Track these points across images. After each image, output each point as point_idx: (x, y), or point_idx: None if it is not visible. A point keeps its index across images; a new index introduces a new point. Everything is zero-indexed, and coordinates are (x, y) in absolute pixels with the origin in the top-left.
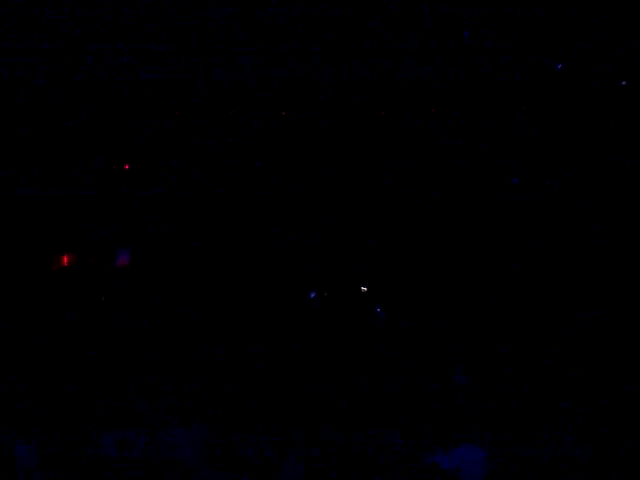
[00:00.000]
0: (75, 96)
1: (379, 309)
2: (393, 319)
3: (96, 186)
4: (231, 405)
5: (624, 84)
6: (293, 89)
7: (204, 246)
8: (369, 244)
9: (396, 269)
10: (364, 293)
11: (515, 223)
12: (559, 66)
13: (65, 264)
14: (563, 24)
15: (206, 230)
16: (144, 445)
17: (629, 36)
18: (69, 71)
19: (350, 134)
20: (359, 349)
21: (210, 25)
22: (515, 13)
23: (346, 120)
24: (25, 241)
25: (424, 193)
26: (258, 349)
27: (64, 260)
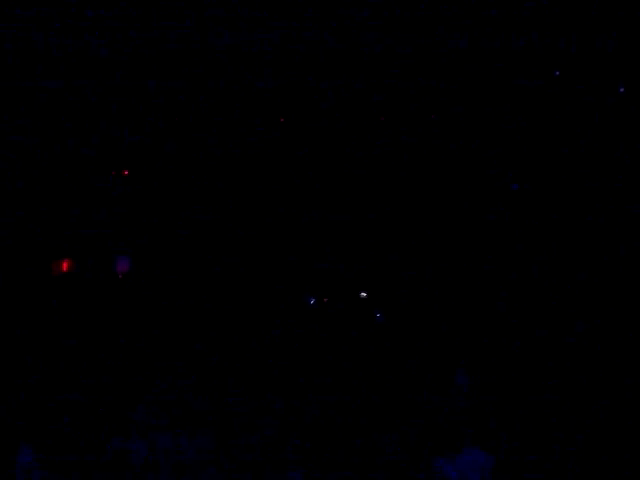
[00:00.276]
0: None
1: (379, 314)
2: (393, 324)
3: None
4: (233, 411)
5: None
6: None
7: (206, 253)
8: (369, 250)
9: (396, 274)
10: (364, 299)
11: (515, 229)
12: (557, 73)
13: (65, 270)
14: (563, 24)
15: (207, 236)
16: (147, 451)
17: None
18: None
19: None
20: (361, 354)
21: None
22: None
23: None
24: (25, 247)
25: (425, 199)
26: (260, 355)
27: (64, 266)
